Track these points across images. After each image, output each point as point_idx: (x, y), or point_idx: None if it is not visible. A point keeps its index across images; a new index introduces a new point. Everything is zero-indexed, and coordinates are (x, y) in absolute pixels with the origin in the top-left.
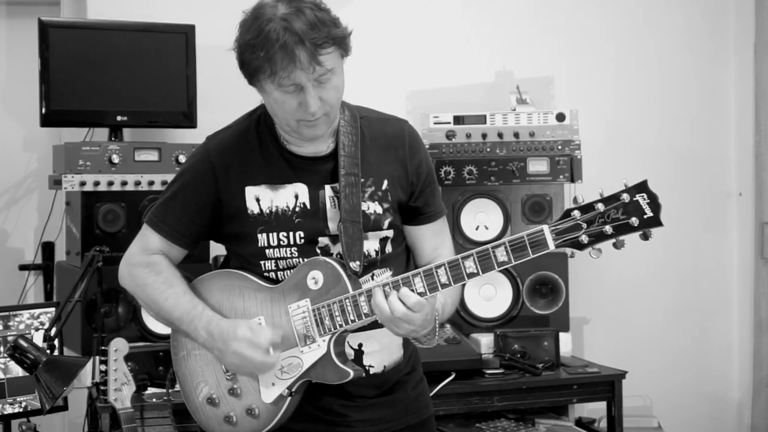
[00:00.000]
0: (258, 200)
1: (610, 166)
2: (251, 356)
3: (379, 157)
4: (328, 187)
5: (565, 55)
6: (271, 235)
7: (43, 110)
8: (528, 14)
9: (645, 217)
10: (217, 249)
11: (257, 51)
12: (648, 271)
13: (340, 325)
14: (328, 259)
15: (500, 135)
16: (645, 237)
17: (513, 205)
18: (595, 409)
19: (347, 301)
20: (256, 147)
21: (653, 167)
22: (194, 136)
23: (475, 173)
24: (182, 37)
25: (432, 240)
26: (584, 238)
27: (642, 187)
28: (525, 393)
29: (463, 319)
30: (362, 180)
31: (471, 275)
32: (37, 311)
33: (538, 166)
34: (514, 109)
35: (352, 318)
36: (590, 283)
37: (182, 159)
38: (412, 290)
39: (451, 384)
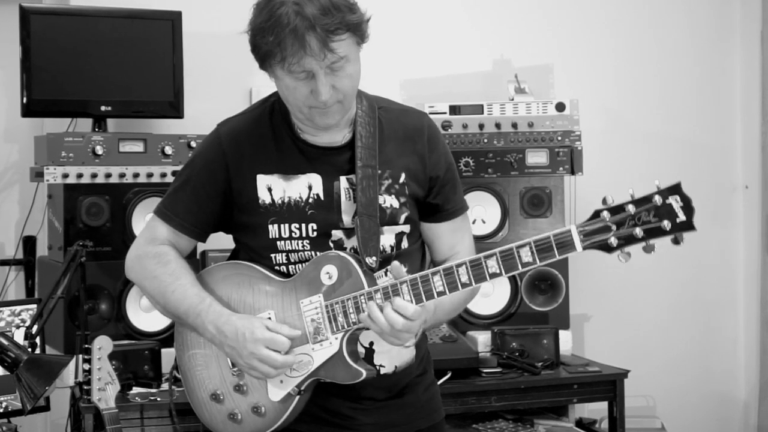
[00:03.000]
0: (270, 190)
1: (611, 157)
2: (272, 359)
3: (397, 149)
4: (343, 179)
5: (565, 42)
6: (282, 226)
7: (24, 100)
8: (526, 0)
9: (677, 221)
10: (205, 244)
11: (267, 35)
12: (651, 267)
13: (354, 323)
14: (342, 254)
15: (498, 125)
16: (676, 241)
17: (511, 198)
18: (597, 410)
19: (362, 297)
20: (269, 135)
21: (656, 158)
22: (181, 127)
23: (472, 165)
24: (168, 24)
25: (450, 238)
26: (613, 241)
27: (675, 189)
28: (523, 393)
29: (460, 316)
30: (379, 172)
31: (493, 275)
32: (18, 308)
33: (537, 157)
34: (512, 99)
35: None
36: (591, 279)
37: (168, 150)
38: (431, 288)
39: (447, 383)
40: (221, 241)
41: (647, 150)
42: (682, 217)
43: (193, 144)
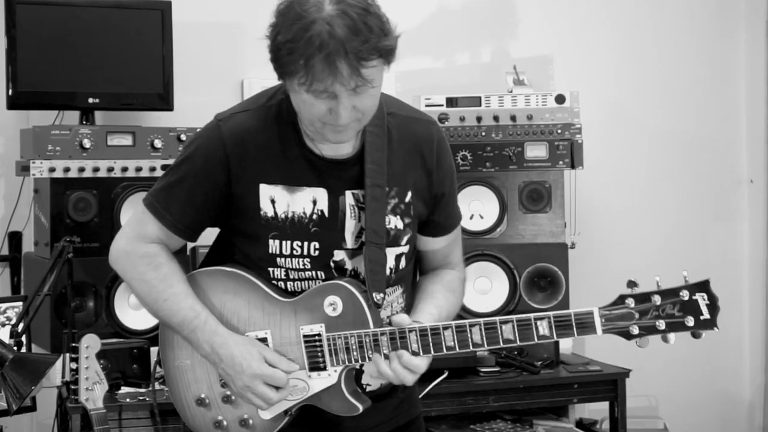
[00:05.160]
0: (273, 202)
1: (612, 151)
2: (267, 396)
3: (405, 163)
4: (349, 194)
5: (565, 33)
6: (284, 243)
7: (10, 92)
8: None
9: (701, 318)
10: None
11: (295, 55)
12: (653, 264)
13: (356, 360)
14: (351, 287)
15: (496, 118)
16: (695, 336)
17: (510, 192)
18: (597, 410)
19: (367, 338)
20: (275, 140)
21: (658, 152)
22: (170, 120)
23: (470, 159)
24: (158, 14)
25: (444, 249)
26: (634, 329)
27: (703, 286)
28: (522, 393)
29: (457, 314)
30: (386, 189)
31: (507, 341)
32: (3, 305)
33: (536, 151)
34: (511, 91)
35: (371, 356)
36: (592, 276)
37: (158, 144)
38: (441, 342)
39: (443, 383)
40: (213, 237)
41: (649, 143)
42: (706, 315)
43: (183, 137)
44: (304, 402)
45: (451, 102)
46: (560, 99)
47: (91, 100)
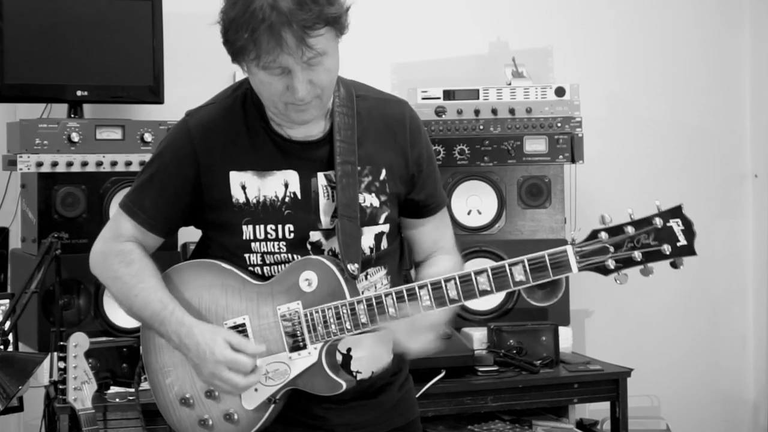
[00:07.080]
0: (244, 188)
1: (613, 145)
2: (233, 382)
3: (377, 143)
4: (321, 175)
5: (565, 24)
6: (258, 227)
7: None
8: None
9: (678, 245)
10: (185, 236)
11: (241, 31)
12: None
13: (335, 334)
14: (324, 260)
15: (494, 111)
16: (675, 266)
17: (508, 187)
18: (598, 410)
19: (344, 308)
20: (242, 128)
21: (661, 146)
22: (161, 113)
23: (467, 153)
24: (148, 4)
25: (432, 233)
26: (611, 263)
27: (676, 212)
28: (521, 392)
29: (456, 312)
30: (358, 168)
31: (483, 293)
32: None
33: (535, 145)
34: (510, 84)
35: (348, 327)
36: (592, 273)
37: (148, 137)
38: (418, 303)
39: (440, 382)
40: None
41: (651, 137)
42: (683, 241)
43: None
44: (287, 386)
45: (449, 95)
46: (560, 92)
47: (79, 93)
